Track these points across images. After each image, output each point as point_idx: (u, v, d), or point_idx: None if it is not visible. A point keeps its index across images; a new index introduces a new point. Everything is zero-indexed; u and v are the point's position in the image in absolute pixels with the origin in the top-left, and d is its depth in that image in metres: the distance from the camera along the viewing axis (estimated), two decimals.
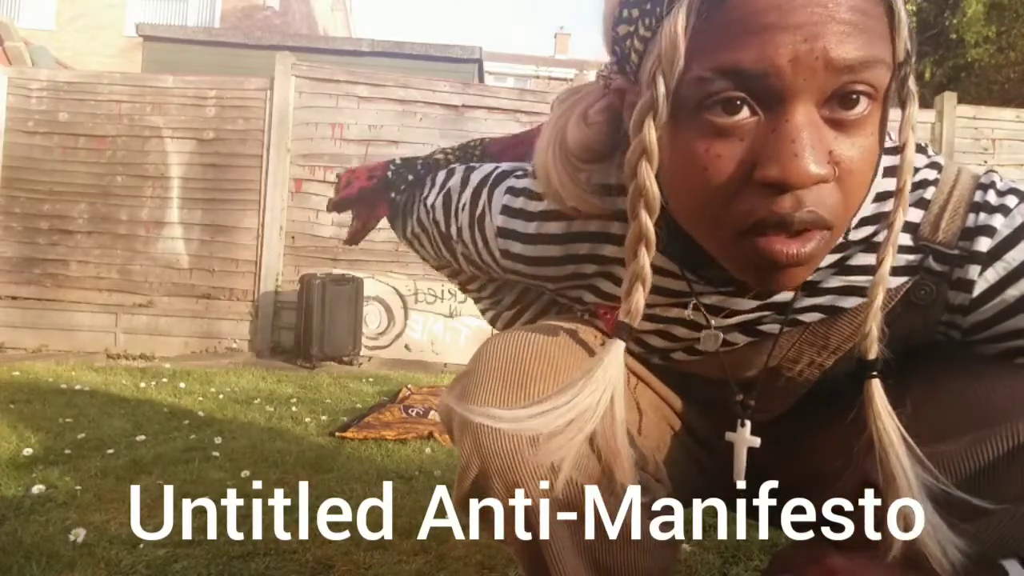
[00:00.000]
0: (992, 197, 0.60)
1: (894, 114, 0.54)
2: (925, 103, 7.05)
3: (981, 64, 9.57)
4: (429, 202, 0.83)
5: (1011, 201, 0.59)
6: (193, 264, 4.96)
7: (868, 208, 0.61)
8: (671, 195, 0.56)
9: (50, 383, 3.28)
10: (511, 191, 0.72)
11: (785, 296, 0.65)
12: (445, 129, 5.03)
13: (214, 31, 10.13)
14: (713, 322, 0.68)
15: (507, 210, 0.72)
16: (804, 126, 0.47)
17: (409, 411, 2.88)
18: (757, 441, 0.67)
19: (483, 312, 1.00)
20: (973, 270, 0.59)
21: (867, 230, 0.62)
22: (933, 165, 0.63)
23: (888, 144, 0.62)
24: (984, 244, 0.59)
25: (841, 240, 0.62)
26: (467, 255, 0.81)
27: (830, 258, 0.63)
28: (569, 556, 0.63)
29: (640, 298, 0.56)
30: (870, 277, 0.61)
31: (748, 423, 0.67)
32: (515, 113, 4.98)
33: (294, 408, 2.89)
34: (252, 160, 4.96)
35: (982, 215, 0.59)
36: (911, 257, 0.62)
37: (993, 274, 0.59)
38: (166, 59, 7.79)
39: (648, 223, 0.54)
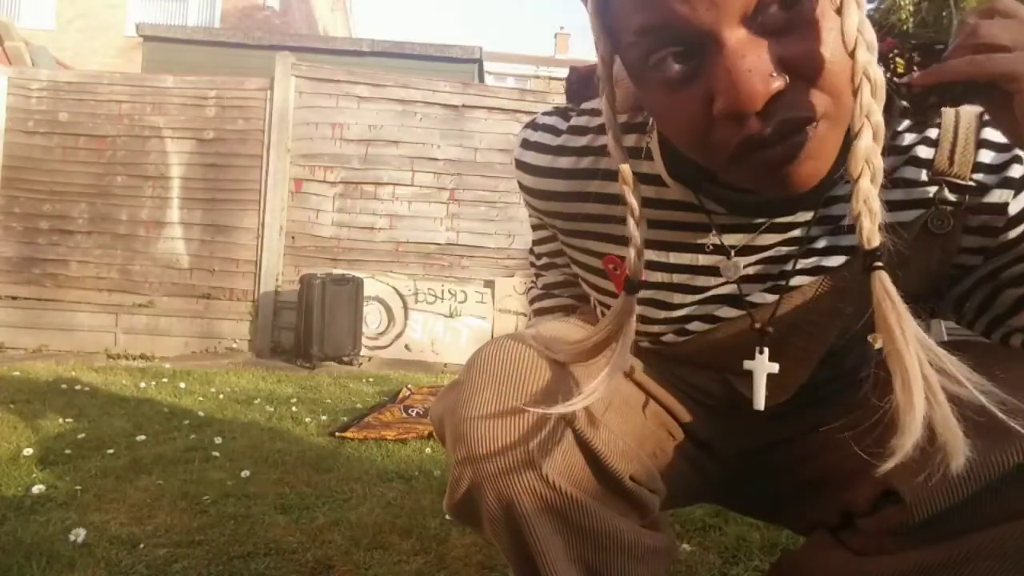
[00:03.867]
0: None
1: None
2: None
3: None
4: None
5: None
6: (193, 264, 4.96)
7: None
8: (668, 136, 0.60)
9: (50, 383, 3.28)
10: (533, 125, 0.76)
11: (802, 232, 0.65)
12: (445, 129, 5.03)
13: (214, 31, 10.12)
14: (735, 259, 0.68)
15: (525, 143, 0.76)
16: (735, 51, 0.47)
17: (409, 411, 2.88)
18: (776, 367, 0.65)
19: (527, 291, 1.02)
20: (1006, 194, 0.62)
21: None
22: None
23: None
24: (1018, 171, 0.62)
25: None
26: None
27: (843, 189, 0.63)
28: (562, 564, 0.63)
29: (637, 261, 0.60)
30: (895, 212, 0.62)
31: (767, 350, 0.66)
32: (515, 113, 4.98)
33: (294, 408, 2.89)
34: (252, 160, 4.96)
35: (1004, 153, 0.62)
36: (926, 190, 0.64)
37: None
38: (166, 59, 7.79)
39: (629, 194, 0.58)
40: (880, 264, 0.48)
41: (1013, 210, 0.63)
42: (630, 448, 0.69)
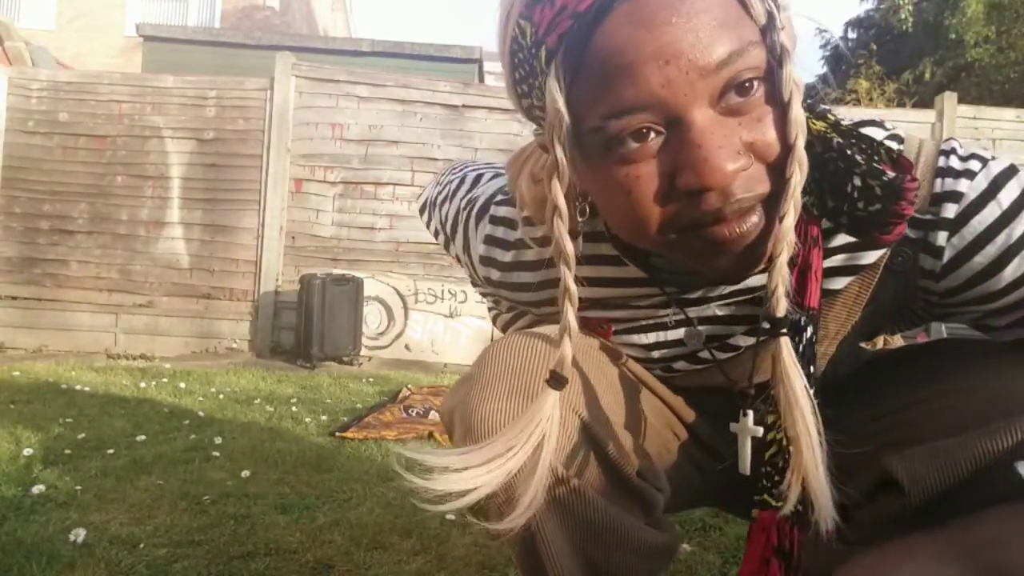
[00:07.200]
0: (955, 162, 0.60)
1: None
2: (925, 103, 7.05)
3: (981, 64, 9.57)
4: (443, 211, 0.85)
5: (975, 165, 0.60)
6: (193, 264, 4.96)
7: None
8: (612, 224, 0.59)
9: (50, 383, 3.28)
10: (492, 220, 0.76)
11: (762, 280, 0.65)
12: (445, 129, 5.03)
13: (214, 31, 10.12)
14: (698, 327, 0.70)
15: (488, 239, 0.76)
16: (706, 129, 0.49)
17: (409, 411, 2.88)
18: (760, 431, 0.66)
19: (489, 310, 1.01)
20: (942, 236, 0.60)
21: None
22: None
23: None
24: (951, 210, 0.59)
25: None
26: (467, 271, 0.85)
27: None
28: (566, 559, 0.63)
29: (568, 348, 0.58)
30: (850, 254, 0.63)
31: (751, 412, 0.66)
32: (515, 113, 4.95)
33: (294, 408, 2.89)
34: (252, 160, 4.96)
35: (947, 180, 0.59)
36: None
37: (959, 240, 0.59)
38: (166, 59, 7.79)
39: (569, 277, 0.57)
40: (785, 331, 0.53)
41: (947, 255, 0.60)
42: (637, 445, 0.70)
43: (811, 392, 0.53)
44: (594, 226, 0.68)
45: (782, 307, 0.53)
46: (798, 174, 0.51)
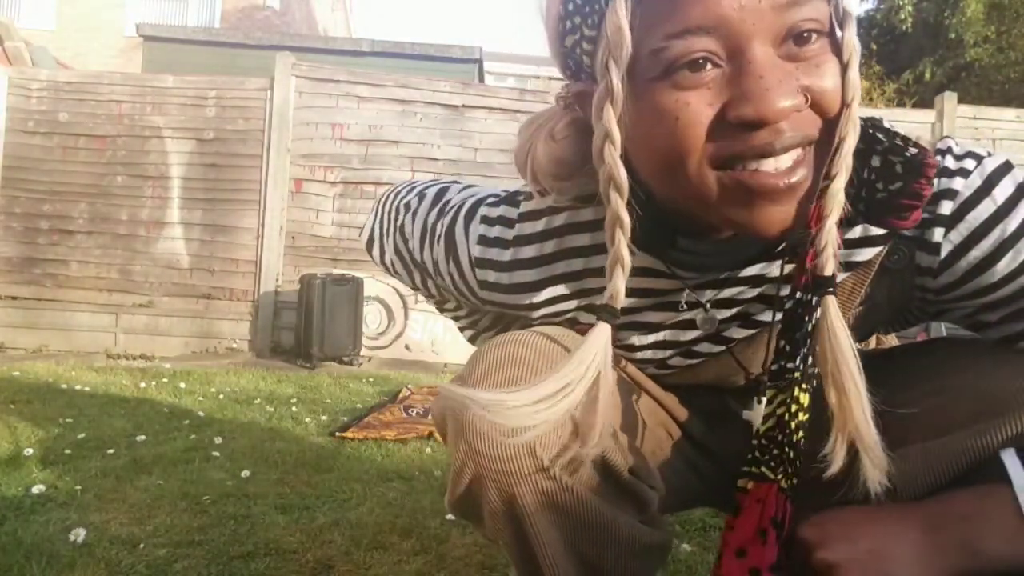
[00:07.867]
0: (950, 161, 0.61)
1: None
2: (925, 103, 7.05)
3: (981, 64, 9.58)
4: (406, 230, 0.83)
5: (970, 164, 0.60)
6: (193, 264, 4.96)
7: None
8: (645, 162, 0.57)
9: (50, 383, 3.28)
10: (486, 220, 0.74)
11: (764, 268, 0.66)
12: (445, 129, 5.03)
13: (214, 31, 10.13)
14: (711, 312, 0.69)
15: (483, 239, 0.73)
16: (767, 63, 0.50)
17: (409, 411, 2.88)
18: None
19: (461, 331, 0.99)
20: (938, 232, 0.60)
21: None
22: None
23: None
24: (947, 207, 0.60)
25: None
26: (443, 286, 0.82)
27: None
28: (561, 558, 0.64)
29: (620, 281, 0.57)
30: (847, 250, 0.63)
31: (764, 400, 0.66)
32: (515, 113, 4.98)
33: (294, 408, 2.89)
34: (252, 160, 4.96)
35: (943, 179, 0.60)
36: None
37: (956, 235, 0.60)
38: (166, 59, 7.79)
39: (620, 205, 0.56)
40: (832, 290, 0.54)
41: (944, 251, 0.61)
42: (630, 444, 0.70)
43: (855, 349, 0.53)
44: (595, 215, 0.68)
45: (830, 266, 0.54)
46: (852, 135, 0.52)
